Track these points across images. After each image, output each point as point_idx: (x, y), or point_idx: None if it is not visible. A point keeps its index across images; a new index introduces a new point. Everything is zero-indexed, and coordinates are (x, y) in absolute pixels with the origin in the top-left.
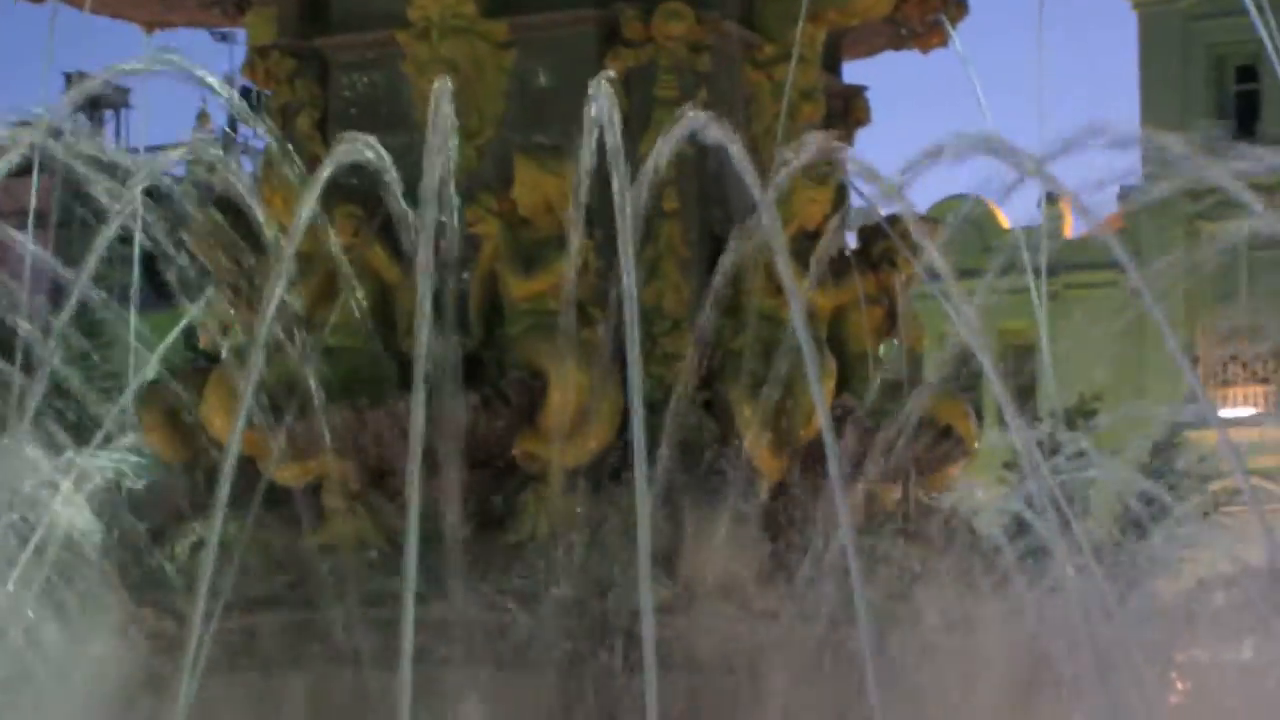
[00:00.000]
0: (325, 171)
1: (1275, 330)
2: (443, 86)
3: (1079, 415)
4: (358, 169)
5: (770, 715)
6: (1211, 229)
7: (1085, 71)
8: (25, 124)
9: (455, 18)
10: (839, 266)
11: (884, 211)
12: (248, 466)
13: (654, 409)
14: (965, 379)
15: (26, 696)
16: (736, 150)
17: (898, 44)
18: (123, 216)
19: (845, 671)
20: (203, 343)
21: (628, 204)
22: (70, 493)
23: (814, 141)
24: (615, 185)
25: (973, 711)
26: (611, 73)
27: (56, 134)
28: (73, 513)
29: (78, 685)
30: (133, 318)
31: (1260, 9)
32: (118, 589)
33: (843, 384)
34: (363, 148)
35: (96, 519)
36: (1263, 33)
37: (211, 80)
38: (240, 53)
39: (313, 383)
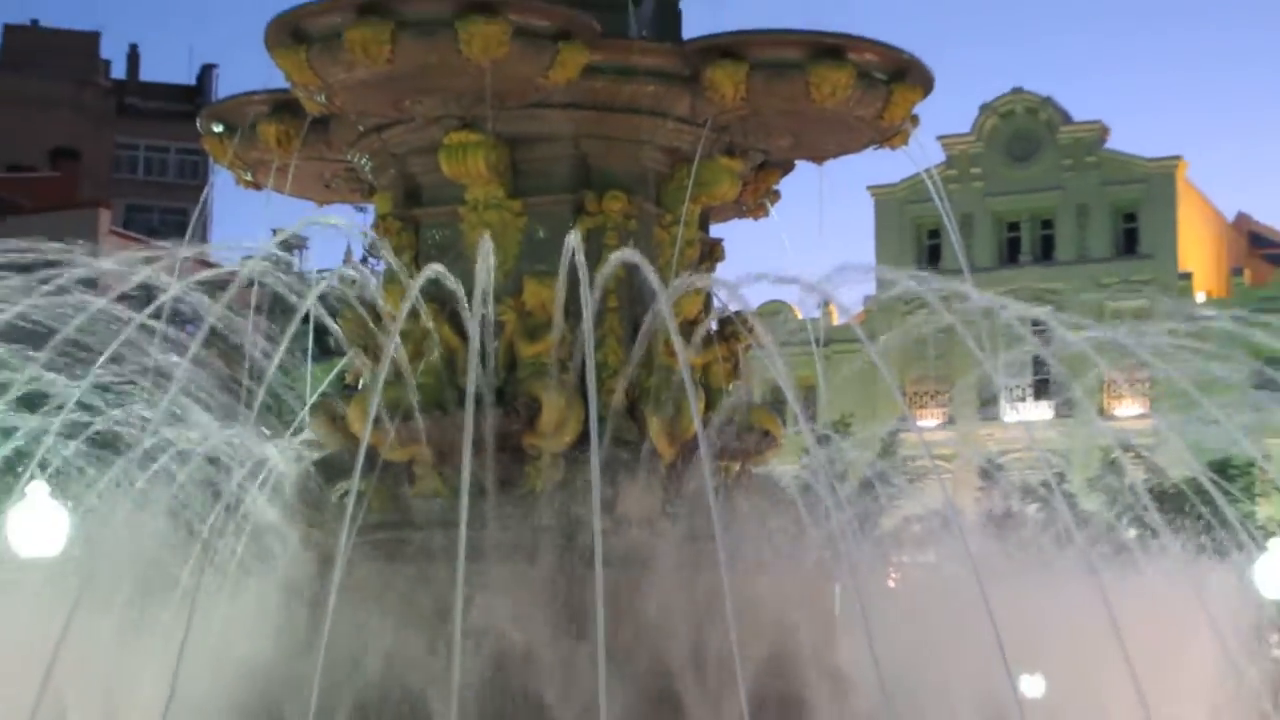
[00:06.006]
0: (418, 284)
1: (948, 378)
2: (485, 242)
3: (840, 426)
4: (436, 283)
5: (664, 591)
6: (916, 320)
7: (846, 227)
8: (249, 257)
9: (492, 198)
10: (706, 339)
11: (733, 308)
12: (373, 450)
13: (602, 419)
14: (777, 404)
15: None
16: (649, 274)
17: (741, 215)
18: (306, 308)
19: (708, 565)
20: (349, 379)
21: (588, 304)
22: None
23: (691, 279)
24: (582, 294)
25: (778, 586)
26: (579, 231)
27: (268, 261)
28: (284, 467)
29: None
30: (309, 364)
31: (940, 198)
32: (302, 515)
33: (708, 406)
34: (440, 272)
35: (295, 473)
36: (942, 211)
37: (354, 231)
38: (370, 216)
39: (412, 402)
